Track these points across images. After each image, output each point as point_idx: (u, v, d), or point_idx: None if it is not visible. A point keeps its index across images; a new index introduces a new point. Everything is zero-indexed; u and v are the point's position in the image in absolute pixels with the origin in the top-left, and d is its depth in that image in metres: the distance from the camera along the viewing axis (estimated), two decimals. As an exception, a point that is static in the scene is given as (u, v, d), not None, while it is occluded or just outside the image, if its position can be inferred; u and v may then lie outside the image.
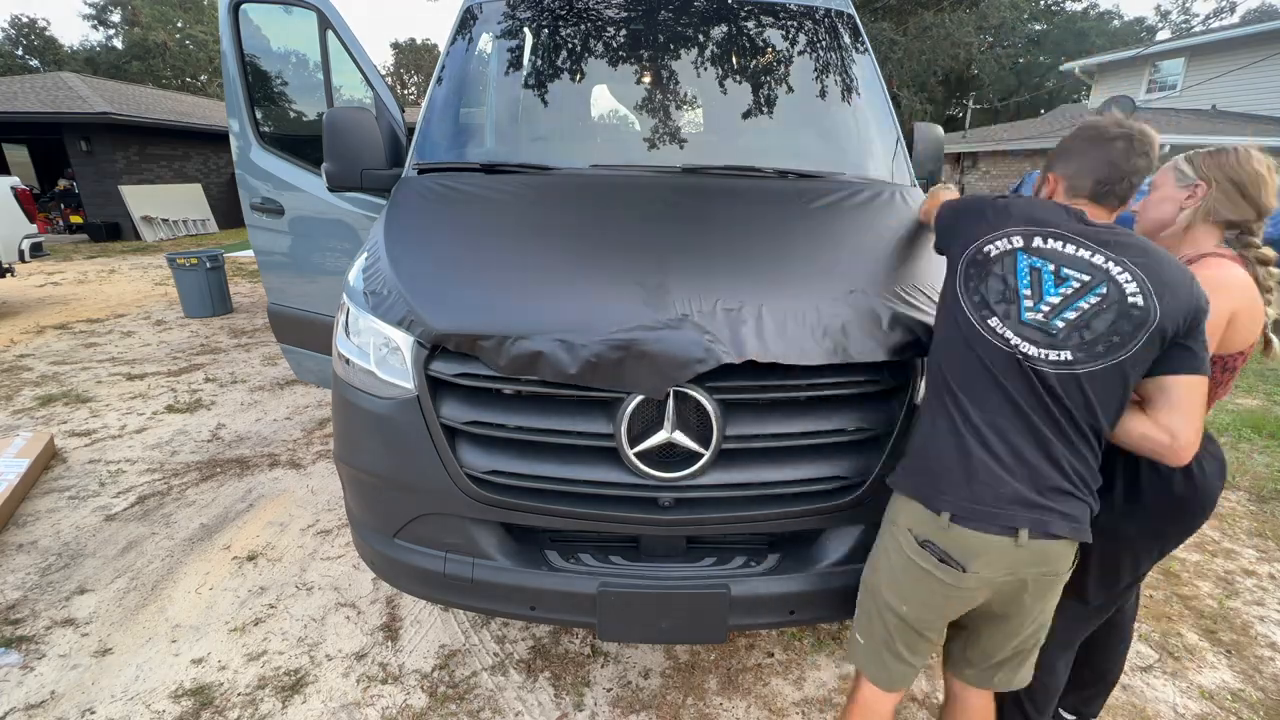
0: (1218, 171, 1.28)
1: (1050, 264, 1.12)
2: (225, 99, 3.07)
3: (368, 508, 1.70)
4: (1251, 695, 1.99)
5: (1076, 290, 1.10)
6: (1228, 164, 1.27)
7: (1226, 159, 1.28)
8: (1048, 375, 1.10)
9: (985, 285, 1.16)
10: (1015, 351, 1.12)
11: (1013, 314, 1.13)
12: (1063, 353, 1.09)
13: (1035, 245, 1.13)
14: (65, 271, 9.21)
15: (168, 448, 3.56)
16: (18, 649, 2.07)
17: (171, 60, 34.78)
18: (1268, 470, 3.50)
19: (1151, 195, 1.40)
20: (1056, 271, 1.11)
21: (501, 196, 1.95)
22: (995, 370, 1.14)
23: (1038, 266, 1.12)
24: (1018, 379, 1.12)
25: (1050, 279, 1.11)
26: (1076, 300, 1.09)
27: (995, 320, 1.14)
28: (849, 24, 2.59)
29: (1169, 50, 15.66)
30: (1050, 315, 1.11)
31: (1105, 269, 1.09)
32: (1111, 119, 1.18)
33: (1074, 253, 1.11)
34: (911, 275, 1.61)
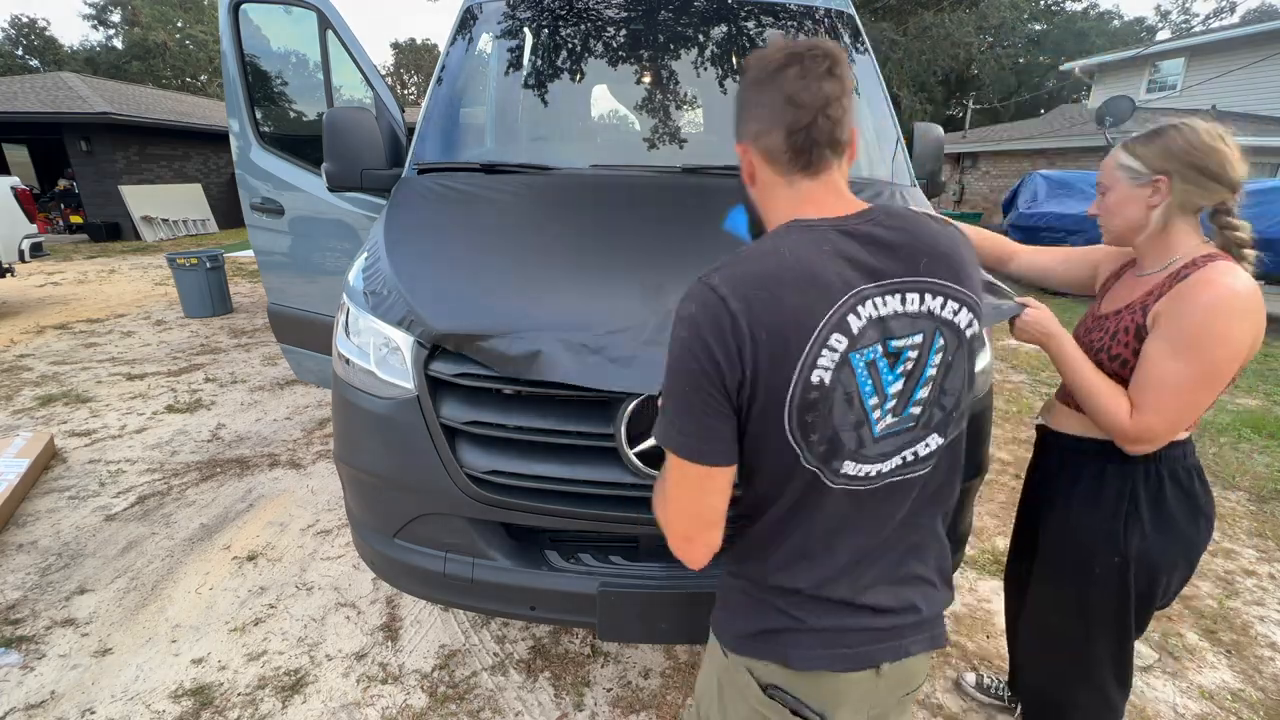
0: (1172, 161, 1.13)
1: (877, 347, 0.76)
2: (225, 99, 3.07)
3: (368, 508, 1.70)
4: (1251, 695, 1.99)
5: (916, 360, 0.78)
6: (1179, 149, 1.13)
7: (1173, 143, 1.13)
8: (913, 480, 0.83)
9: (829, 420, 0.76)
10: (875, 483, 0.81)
11: (866, 438, 0.78)
12: (932, 440, 0.82)
13: (856, 332, 0.75)
14: (65, 271, 9.22)
15: (168, 448, 3.56)
16: (18, 649, 2.07)
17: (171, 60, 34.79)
18: (1268, 470, 3.50)
19: (1107, 200, 1.24)
20: (886, 351, 0.76)
21: (501, 196, 1.95)
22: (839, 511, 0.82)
23: (871, 359, 0.76)
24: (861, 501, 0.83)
25: (884, 366, 0.77)
26: (921, 372, 0.79)
27: (849, 464, 0.79)
28: (849, 24, 2.60)
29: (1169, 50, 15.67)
30: (898, 409, 0.79)
31: (930, 312, 0.77)
32: (774, 43, 0.80)
33: (889, 312, 0.76)
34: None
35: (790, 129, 0.76)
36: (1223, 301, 1.06)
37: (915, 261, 0.77)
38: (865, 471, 0.80)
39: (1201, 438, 3.92)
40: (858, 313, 0.74)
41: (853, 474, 0.79)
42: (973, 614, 2.32)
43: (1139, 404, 1.14)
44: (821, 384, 0.74)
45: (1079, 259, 1.51)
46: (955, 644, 2.17)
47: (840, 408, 0.76)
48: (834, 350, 0.74)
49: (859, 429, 0.78)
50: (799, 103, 0.75)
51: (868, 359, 0.76)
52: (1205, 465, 3.73)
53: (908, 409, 0.79)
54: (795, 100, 0.75)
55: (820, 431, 0.77)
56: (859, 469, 0.79)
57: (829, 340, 0.73)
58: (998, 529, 2.86)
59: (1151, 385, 1.13)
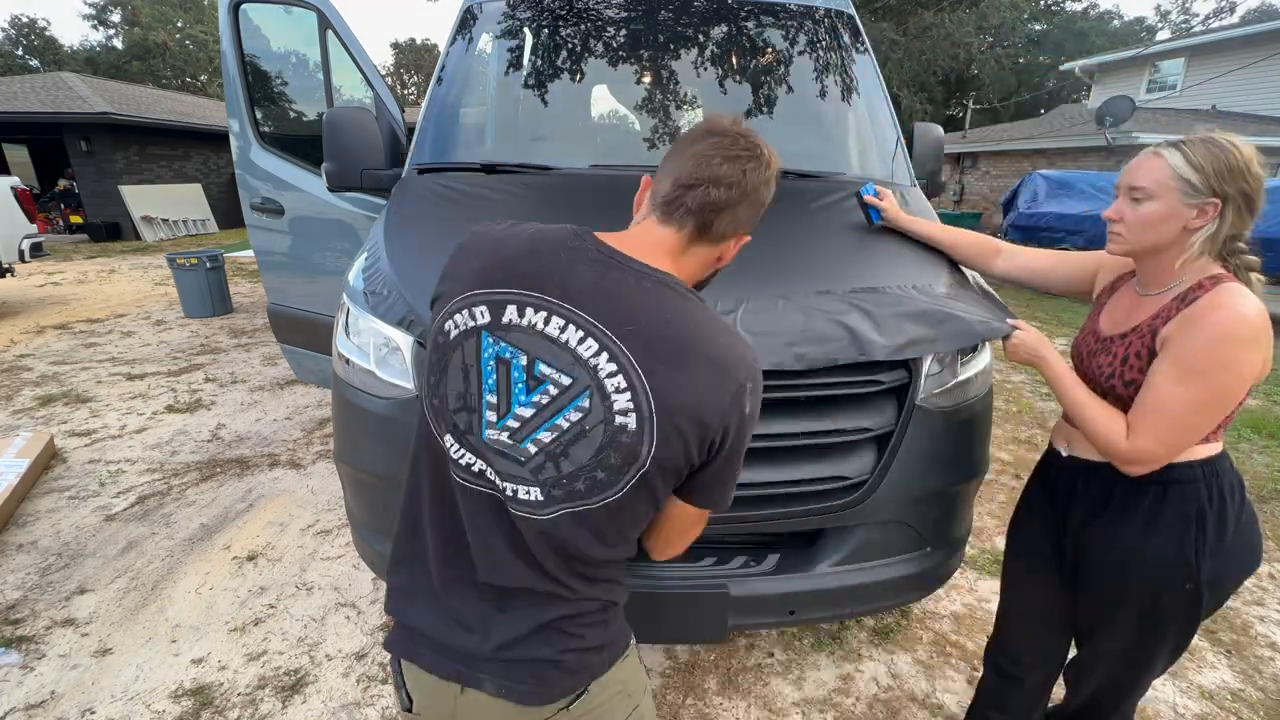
0: (1231, 184, 1.02)
1: (523, 355, 0.73)
2: (225, 99, 3.07)
3: (368, 508, 1.70)
4: (1251, 695, 1.99)
5: (553, 400, 0.73)
6: (1239, 170, 1.03)
7: (1235, 162, 1.03)
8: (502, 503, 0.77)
9: (444, 380, 0.77)
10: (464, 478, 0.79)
11: (474, 428, 0.76)
12: (532, 490, 0.75)
13: (506, 321, 0.73)
14: (65, 271, 9.22)
15: (168, 448, 3.56)
16: (18, 649, 2.06)
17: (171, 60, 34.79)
18: (1268, 470, 3.50)
19: (1145, 210, 1.08)
20: (530, 368, 0.73)
21: (501, 196, 1.95)
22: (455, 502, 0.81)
23: (506, 358, 0.74)
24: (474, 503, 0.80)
25: (521, 379, 0.74)
26: (552, 416, 0.73)
27: (450, 438, 0.78)
28: (849, 24, 2.60)
29: (1169, 50, 15.67)
30: (518, 435, 0.74)
31: (592, 366, 0.72)
32: (730, 119, 0.81)
33: (557, 335, 0.72)
34: (911, 274, 1.61)
35: (677, 182, 0.78)
36: (1233, 328, 1.01)
37: (620, 324, 0.72)
38: (460, 457, 0.78)
39: (1201, 438, 3.93)
40: (522, 310, 0.73)
41: (449, 450, 0.79)
42: (972, 614, 2.32)
43: (1137, 427, 1.10)
44: (447, 334, 0.77)
45: (1076, 264, 1.45)
46: (955, 644, 2.17)
47: (455, 375, 0.76)
48: (473, 318, 0.75)
49: (468, 413, 0.76)
50: (696, 165, 0.77)
51: (501, 354, 0.74)
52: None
53: (525, 441, 0.74)
54: (696, 160, 0.77)
55: (436, 382, 0.79)
56: (458, 451, 0.78)
57: (475, 307, 0.75)
58: (998, 529, 2.86)
59: (1153, 409, 1.08)
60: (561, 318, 0.72)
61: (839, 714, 1.89)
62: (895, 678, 2.03)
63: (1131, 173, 1.12)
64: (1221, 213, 1.04)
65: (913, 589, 1.70)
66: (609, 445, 0.72)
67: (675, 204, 0.78)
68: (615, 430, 0.72)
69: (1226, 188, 1.03)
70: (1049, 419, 4.23)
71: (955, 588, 2.45)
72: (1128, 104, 10.46)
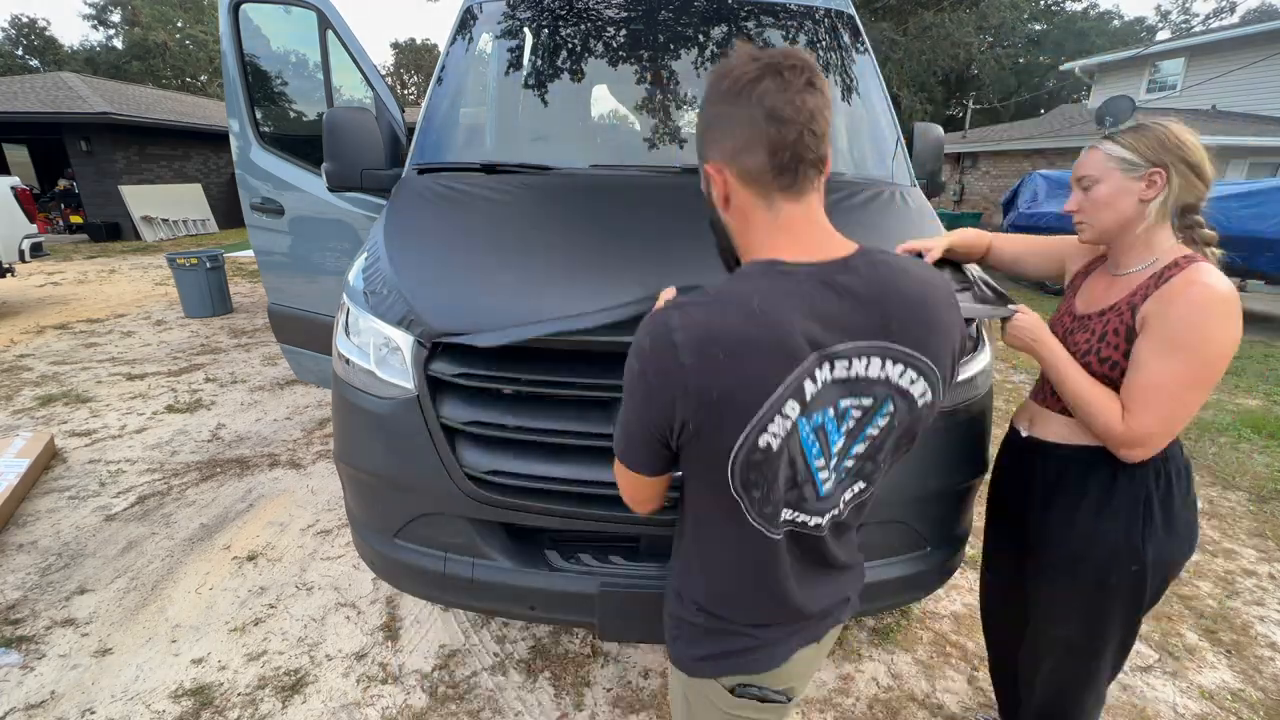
0: (1167, 153, 1.13)
1: (829, 409, 0.74)
2: (225, 99, 3.07)
3: (368, 508, 1.70)
4: (1251, 695, 1.99)
5: (860, 419, 0.77)
6: (1172, 143, 1.13)
7: (1168, 138, 1.13)
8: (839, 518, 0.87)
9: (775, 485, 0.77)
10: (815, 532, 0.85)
11: (809, 495, 0.80)
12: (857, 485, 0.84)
13: (809, 396, 0.72)
14: (65, 271, 9.21)
15: (168, 448, 3.56)
16: (18, 649, 2.07)
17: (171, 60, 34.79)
18: (1267, 470, 3.50)
19: (1096, 193, 1.20)
20: (836, 411, 0.75)
21: (501, 196, 1.95)
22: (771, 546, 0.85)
23: (820, 424, 0.75)
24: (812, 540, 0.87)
25: (832, 425, 0.76)
26: (863, 430, 0.78)
27: (789, 511, 0.81)
28: (849, 24, 2.59)
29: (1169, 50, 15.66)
30: (839, 462, 0.79)
31: (886, 379, 0.75)
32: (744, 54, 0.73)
33: (844, 375, 0.73)
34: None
35: (774, 146, 0.70)
36: (1210, 302, 1.07)
37: (887, 322, 0.73)
38: (807, 521, 0.83)
39: (1201, 438, 3.92)
40: (814, 377, 0.71)
41: (793, 520, 0.82)
42: (973, 614, 2.32)
43: (1132, 407, 1.13)
44: (769, 449, 0.73)
45: (1046, 249, 1.49)
46: (955, 644, 2.17)
47: (785, 470, 0.76)
48: (787, 418, 0.72)
49: (803, 488, 0.79)
50: (783, 118, 0.69)
51: (816, 424, 0.74)
52: (1205, 465, 3.75)
53: (844, 463, 0.79)
54: (778, 115, 0.69)
55: (762, 490, 0.77)
56: (802, 518, 0.82)
57: (783, 408, 0.71)
58: (998, 529, 2.86)
59: (1146, 387, 1.11)
60: (843, 359, 0.72)
61: (839, 714, 1.89)
62: (895, 678, 2.03)
63: (1078, 167, 1.24)
64: (1169, 180, 1.13)
65: (913, 589, 1.70)
66: (916, 423, 0.81)
67: (791, 168, 0.71)
68: (923, 410, 0.79)
69: (1164, 157, 1.13)
70: (1049, 419, 4.23)
71: (955, 588, 2.46)
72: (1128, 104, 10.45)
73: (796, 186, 0.73)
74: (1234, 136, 11.64)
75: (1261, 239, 6.66)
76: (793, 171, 0.72)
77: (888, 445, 0.81)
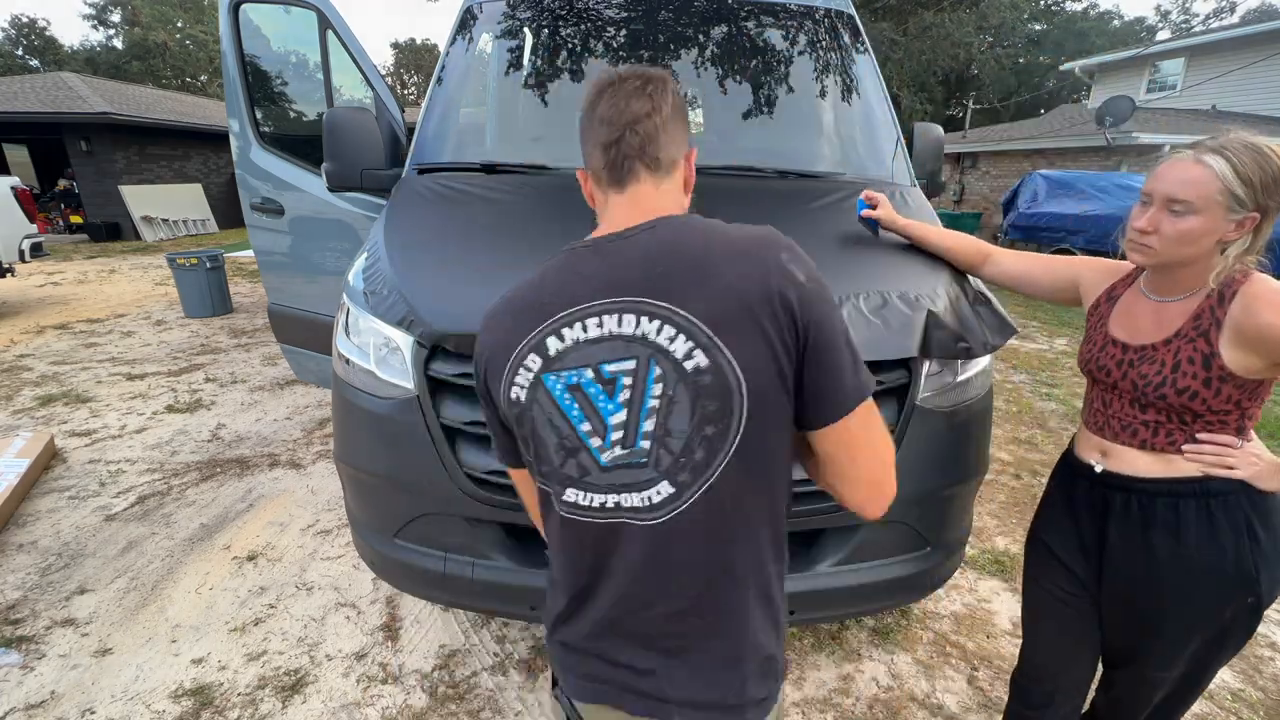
0: (1275, 197, 0.97)
1: (587, 370, 0.73)
2: (225, 99, 3.07)
3: (368, 508, 1.70)
4: (1251, 695, 1.99)
5: (632, 386, 0.72)
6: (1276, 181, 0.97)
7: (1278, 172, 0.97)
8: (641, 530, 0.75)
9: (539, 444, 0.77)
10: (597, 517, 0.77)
11: (589, 465, 0.75)
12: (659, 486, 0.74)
13: (555, 352, 0.74)
14: (65, 271, 9.21)
15: (168, 448, 3.56)
16: (18, 649, 2.07)
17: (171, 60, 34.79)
18: (1268, 470, 3.49)
19: (1187, 224, 1.01)
20: (599, 376, 0.73)
21: (501, 196, 1.95)
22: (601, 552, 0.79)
23: (575, 383, 0.74)
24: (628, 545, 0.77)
25: (598, 391, 0.73)
26: (643, 400, 0.72)
27: (572, 491, 0.77)
28: (849, 24, 2.60)
29: (1169, 50, 15.66)
30: (627, 437, 0.74)
31: (640, 336, 0.71)
32: (604, 74, 0.81)
33: (600, 333, 0.72)
34: (912, 275, 1.61)
35: (604, 145, 0.79)
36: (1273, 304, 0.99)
37: (649, 280, 0.72)
38: (589, 500, 0.76)
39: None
40: (560, 334, 0.74)
41: (574, 501, 0.77)
42: (973, 614, 2.32)
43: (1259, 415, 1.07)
44: (518, 401, 0.77)
45: (1062, 270, 1.39)
46: (955, 644, 2.17)
47: (545, 429, 0.76)
48: (529, 370, 0.76)
49: (576, 455, 0.76)
50: (608, 120, 0.78)
51: (569, 382, 0.74)
52: (1205, 465, 3.71)
53: (637, 442, 0.73)
54: (606, 119, 0.78)
55: (534, 449, 0.79)
56: (583, 497, 0.76)
57: (525, 360, 0.76)
58: (998, 529, 2.86)
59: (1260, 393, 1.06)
60: (594, 315, 0.73)
61: (839, 714, 1.89)
62: (895, 678, 2.03)
63: (1169, 182, 1.03)
64: (1259, 226, 1.00)
65: (913, 589, 1.70)
66: (699, 397, 0.71)
67: (616, 164, 0.79)
68: (693, 376, 0.70)
69: (1270, 201, 0.98)
70: (1049, 419, 4.23)
71: (955, 588, 2.46)
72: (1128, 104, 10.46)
73: (621, 181, 0.80)
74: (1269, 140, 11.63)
75: (1261, 239, 6.66)
76: (619, 167, 0.79)
77: (674, 426, 0.72)
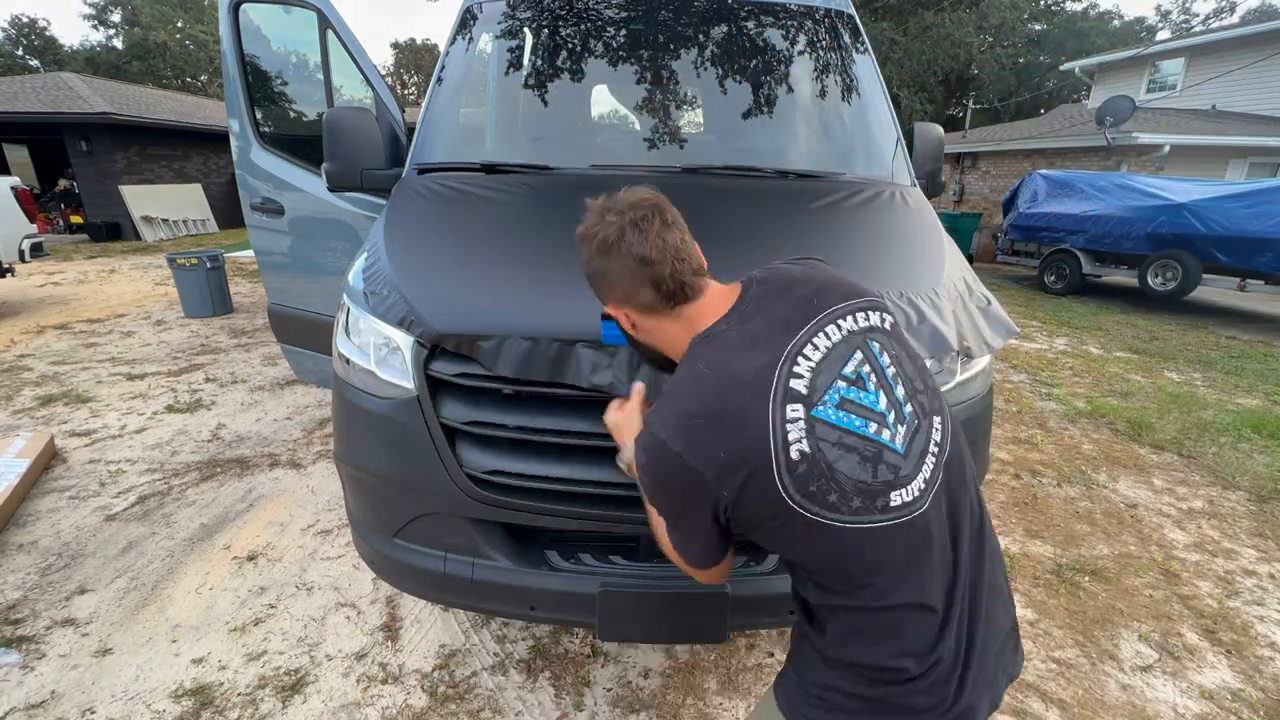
0: None
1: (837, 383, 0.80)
2: (225, 99, 3.07)
3: (368, 508, 1.70)
4: (1251, 695, 1.99)
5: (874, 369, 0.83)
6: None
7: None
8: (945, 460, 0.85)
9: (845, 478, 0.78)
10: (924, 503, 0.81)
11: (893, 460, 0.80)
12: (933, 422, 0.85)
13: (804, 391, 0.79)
14: (65, 271, 9.21)
15: (168, 448, 3.56)
16: (18, 649, 2.06)
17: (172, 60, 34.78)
18: (1267, 470, 3.50)
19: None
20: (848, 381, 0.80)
21: (501, 196, 1.95)
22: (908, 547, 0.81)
23: (839, 399, 0.80)
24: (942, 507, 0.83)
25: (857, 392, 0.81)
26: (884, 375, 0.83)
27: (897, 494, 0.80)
28: (849, 24, 2.59)
29: (1169, 50, 15.65)
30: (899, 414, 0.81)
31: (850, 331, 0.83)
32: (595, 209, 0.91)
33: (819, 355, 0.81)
34: (912, 275, 1.61)
35: (655, 282, 0.85)
36: None
37: (809, 303, 0.84)
38: (912, 492, 0.79)
39: (1201, 438, 3.92)
40: (796, 375, 0.79)
41: (901, 502, 0.79)
42: (973, 614, 2.32)
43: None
44: (804, 455, 0.77)
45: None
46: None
47: (841, 454, 0.77)
48: (795, 421, 0.77)
49: (881, 458, 0.79)
50: (652, 260, 0.84)
51: (834, 401, 0.79)
52: (1205, 465, 3.73)
53: (904, 409, 0.82)
54: (648, 260, 0.84)
55: (837, 491, 0.77)
56: (907, 493, 0.79)
57: (788, 419, 0.77)
58: (998, 528, 2.86)
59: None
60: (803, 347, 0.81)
61: (839, 714, 1.89)
62: (895, 678, 2.03)
63: None
64: None
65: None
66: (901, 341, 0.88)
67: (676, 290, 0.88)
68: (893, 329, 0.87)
69: None
70: (1049, 419, 4.23)
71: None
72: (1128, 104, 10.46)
73: (688, 297, 0.88)
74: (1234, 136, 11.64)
75: (1261, 239, 6.66)
76: (679, 293, 0.87)
77: (911, 371, 0.85)
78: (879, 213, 1.95)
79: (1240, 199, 7.00)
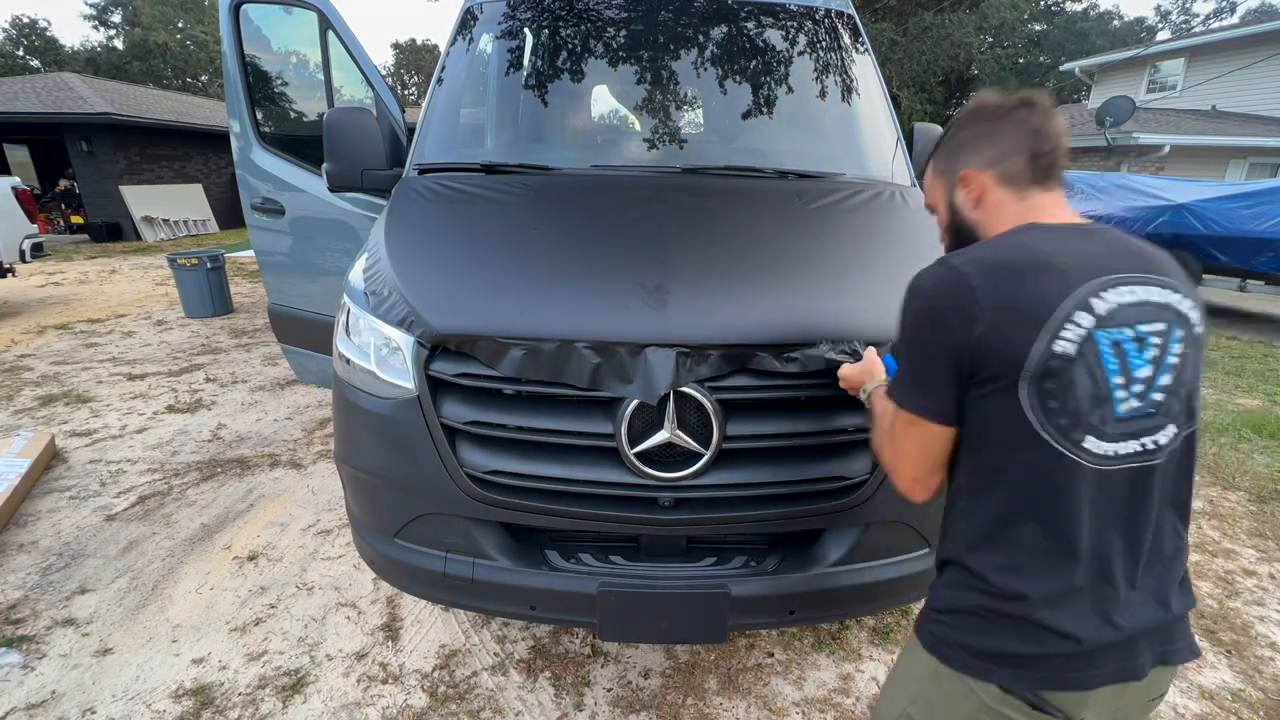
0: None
1: (1127, 329, 0.82)
2: (226, 99, 3.07)
3: (368, 508, 1.70)
4: (1251, 695, 1.99)
5: (1160, 346, 0.83)
6: None
7: None
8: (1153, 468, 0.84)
9: (1071, 396, 0.82)
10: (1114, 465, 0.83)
11: (1107, 416, 0.82)
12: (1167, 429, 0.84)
13: (1102, 311, 0.82)
14: (66, 272, 9.22)
15: (168, 448, 3.56)
16: (18, 649, 2.07)
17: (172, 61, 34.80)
18: (1267, 470, 3.50)
19: None
20: (1136, 335, 0.83)
21: (502, 197, 1.95)
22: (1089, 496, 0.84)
23: (1118, 340, 0.82)
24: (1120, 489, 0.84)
25: (1133, 348, 0.82)
26: (1165, 359, 0.83)
27: (1092, 439, 0.82)
28: (849, 24, 2.60)
29: (1169, 51, 15.66)
30: (1146, 391, 0.83)
31: (1168, 304, 0.84)
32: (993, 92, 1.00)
33: (1132, 299, 0.83)
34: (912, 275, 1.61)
35: (1036, 153, 0.92)
36: None
37: (1146, 262, 0.86)
38: (1105, 450, 0.83)
39: (1201, 438, 3.92)
40: (1103, 297, 0.82)
41: (1094, 451, 0.82)
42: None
43: None
44: (1065, 355, 0.81)
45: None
46: (955, 644, 2.17)
47: (1082, 381, 0.82)
48: (1079, 325, 0.81)
49: (1100, 406, 0.82)
50: (1044, 134, 0.93)
51: (1114, 338, 0.82)
52: (1205, 465, 3.73)
53: (1151, 394, 0.83)
54: (1040, 132, 0.93)
55: (1060, 400, 0.82)
56: (1101, 446, 0.82)
57: (1073, 315, 0.81)
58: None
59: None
60: (1125, 285, 0.83)
61: (839, 714, 1.89)
62: (895, 678, 2.03)
63: None
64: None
65: (913, 589, 1.70)
66: (1199, 354, 0.87)
67: (1047, 169, 0.93)
68: (1199, 339, 0.86)
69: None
70: (1049, 419, 4.22)
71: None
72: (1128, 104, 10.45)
73: (1050, 182, 0.94)
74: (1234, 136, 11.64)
75: (1261, 239, 6.66)
76: (1048, 170, 0.94)
77: (1187, 378, 0.85)
78: (879, 213, 1.95)
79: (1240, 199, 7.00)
